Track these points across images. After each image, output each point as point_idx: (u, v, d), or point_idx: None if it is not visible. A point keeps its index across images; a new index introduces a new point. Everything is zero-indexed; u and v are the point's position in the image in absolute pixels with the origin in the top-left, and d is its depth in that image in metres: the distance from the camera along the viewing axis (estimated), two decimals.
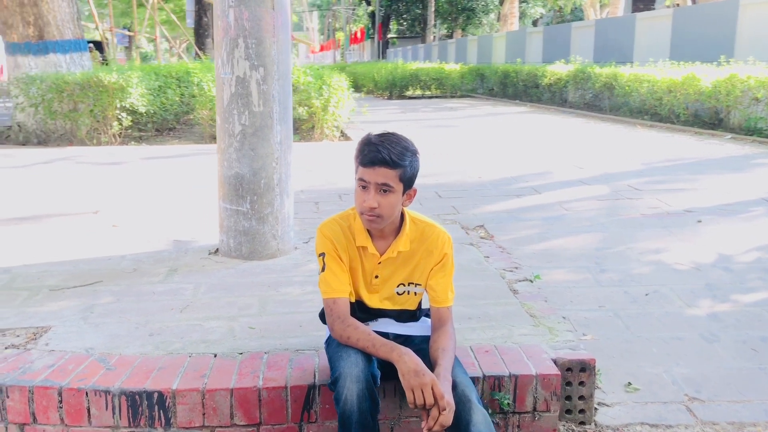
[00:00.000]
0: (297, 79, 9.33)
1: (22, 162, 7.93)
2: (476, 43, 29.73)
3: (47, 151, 8.95)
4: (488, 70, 21.70)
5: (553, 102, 16.93)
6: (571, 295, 3.56)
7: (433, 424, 2.01)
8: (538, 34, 23.56)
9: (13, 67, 9.69)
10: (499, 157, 8.12)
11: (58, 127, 9.43)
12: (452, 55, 31.89)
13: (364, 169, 2.18)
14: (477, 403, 2.11)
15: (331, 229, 2.33)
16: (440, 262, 2.38)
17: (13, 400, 2.47)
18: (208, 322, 3.00)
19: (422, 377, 2.02)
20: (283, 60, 3.78)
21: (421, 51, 38.27)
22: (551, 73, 16.83)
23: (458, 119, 13.33)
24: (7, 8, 9.39)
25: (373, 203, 2.18)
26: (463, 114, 14.67)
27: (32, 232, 4.59)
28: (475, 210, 5.20)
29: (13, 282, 3.55)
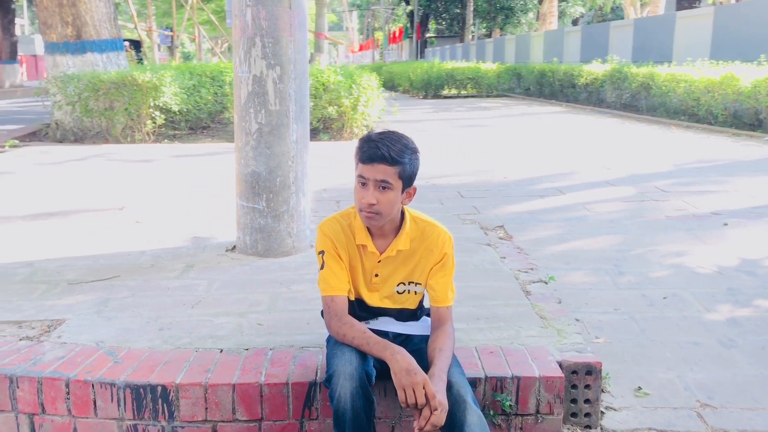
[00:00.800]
0: (327, 78, 9.39)
1: (57, 159, 8.12)
2: (514, 42, 29.51)
3: (82, 148, 9.15)
4: (525, 70, 21.52)
5: (590, 102, 16.71)
6: (586, 297, 3.51)
7: (425, 423, 2.00)
8: (576, 34, 23.29)
9: (51, 66, 9.92)
10: (527, 157, 8.05)
11: (94, 125, 9.63)
12: (490, 55, 31.70)
13: (364, 166, 2.19)
14: (472, 403, 2.10)
15: (331, 227, 2.34)
16: (440, 261, 2.37)
17: (23, 391, 2.53)
18: (217, 318, 3.04)
19: (414, 376, 2.02)
20: (300, 59, 3.80)
21: (459, 50, 38.14)
22: (587, 72, 16.62)
23: (491, 119, 13.25)
24: (46, 9, 9.63)
25: (372, 200, 2.19)
26: (496, 114, 14.57)
27: (58, 227, 4.70)
28: (497, 210, 5.16)
29: (34, 275, 3.63)
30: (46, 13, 9.67)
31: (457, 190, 5.90)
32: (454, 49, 39.99)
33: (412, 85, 23.15)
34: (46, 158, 8.18)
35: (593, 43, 21.17)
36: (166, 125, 9.77)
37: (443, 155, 8.23)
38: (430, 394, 2.01)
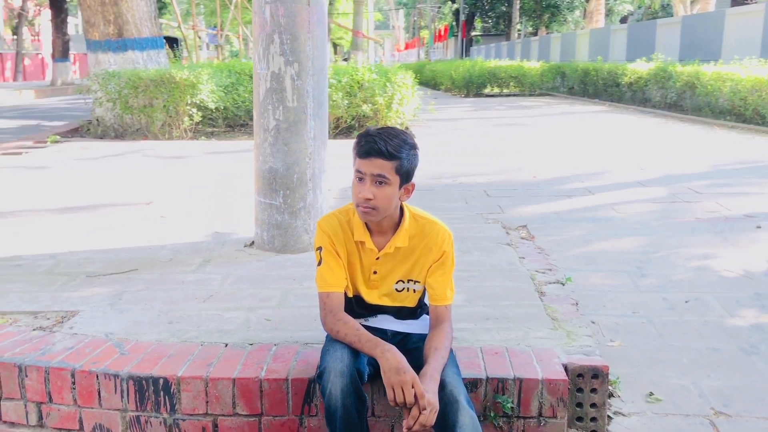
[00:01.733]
0: (362, 76, 9.39)
1: (95, 154, 8.31)
2: (559, 40, 29.13)
3: (121, 144, 9.34)
4: (569, 68, 21.21)
5: (634, 101, 16.38)
6: (605, 299, 3.44)
7: (413, 423, 1.98)
8: (623, 32, 22.86)
9: (94, 63, 10.16)
10: (560, 157, 7.92)
11: (134, 121, 9.83)
12: (535, 53, 31.36)
13: (361, 161, 2.18)
14: (465, 404, 2.07)
15: (329, 223, 2.33)
16: (439, 259, 2.34)
17: (31, 380, 2.58)
18: (227, 313, 3.06)
19: (402, 375, 2.00)
20: (319, 56, 3.80)
21: (504, 49, 37.82)
22: (632, 71, 16.29)
23: (530, 118, 13.09)
24: (89, 8, 9.86)
25: (369, 194, 2.17)
26: (536, 112, 14.39)
27: (85, 221, 4.79)
28: (521, 210, 5.09)
29: (56, 267, 3.71)
30: (89, 12, 9.90)
31: (483, 189, 5.84)
32: (499, 48, 39.67)
33: (454, 84, 23.06)
34: (84, 153, 8.38)
35: (639, 41, 20.76)
36: (204, 122, 9.91)
37: (475, 153, 8.17)
38: (419, 394, 1.99)
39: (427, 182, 6.14)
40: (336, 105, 9.28)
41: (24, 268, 3.69)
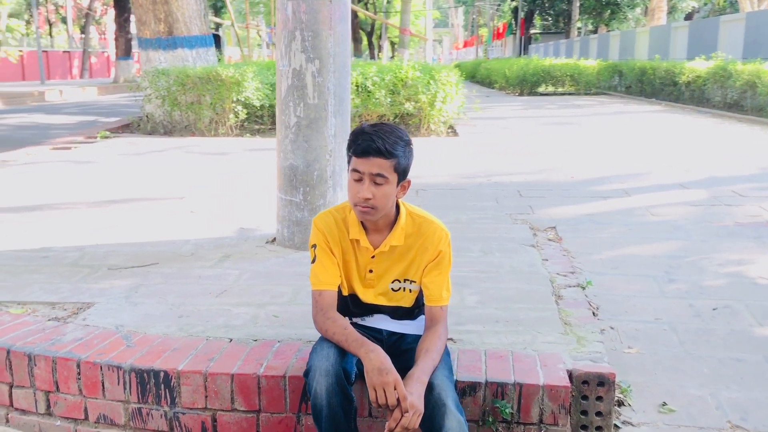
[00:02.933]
0: (405, 74, 9.36)
1: (140, 150, 8.50)
2: (618, 38, 28.48)
3: (167, 140, 9.53)
4: (626, 67, 20.72)
5: (692, 101, 15.87)
6: (627, 304, 3.33)
7: (395, 425, 1.94)
8: (684, 29, 22.19)
9: (145, 61, 10.40)
10: (603, 157, 7.73)
11: (183, 118, 10.02)
12: (594, 51, 30.74)
13: (358, 160, 2.14)
14: (453, 408, 2.02)
15: (325, 221, 2.31)
16: (435, 259, 2.29)
17: (40, 369, 2.64)
18: (237, 308, 3.07)
19: (385, 376, 1.96)
20: (340, 53, 3.78)
21: (563, 47, 37.20)
22: (690, 70, 15.79)
23: (581, 117, 12.83)
24: (141, 6, 10.09)
25: (368, 194, 2.13)
26: (588, 112, 14.10)
27: (117, 214, 4.90)
28: (553, 210, 4.97)
29: (81, 259, 3.80)
30: (141, 11, 10.14)
31: (517, 189, 5.73)
32: (557, 46, 39.05)
33: (508, 82, 22.80)
34: (130, 149, 8.58)
35: (701, 39, 20.11)
36: (250, 120, 10.03)
37: (515, 152, 8.04)
38: (401, 395, 1.95)
39: (459, 181, 6.07)
40: (379, 103, 9.28)
41: (51, 259, 3.79)
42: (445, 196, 5.46)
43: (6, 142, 10.19)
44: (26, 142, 9.64)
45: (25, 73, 39.04)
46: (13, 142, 9.89)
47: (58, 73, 42.18)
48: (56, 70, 42.12)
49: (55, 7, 52.62)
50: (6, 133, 12.05)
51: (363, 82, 9.30)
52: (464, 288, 3.30)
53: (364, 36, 42.30)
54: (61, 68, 43.16)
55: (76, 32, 49.97)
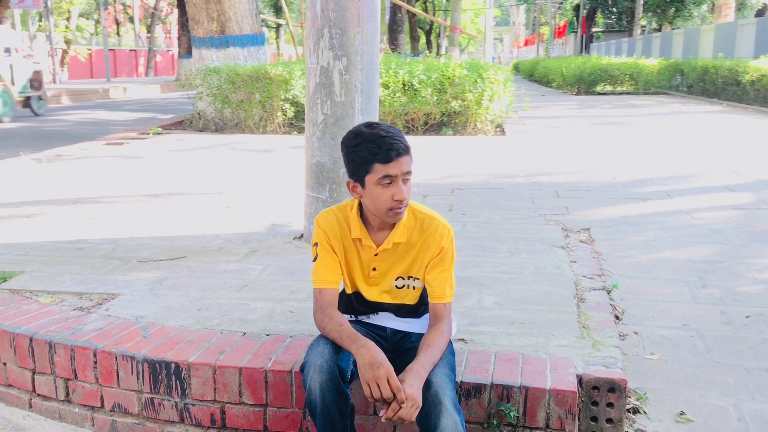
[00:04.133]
0: (453, 72, 9.30)
1: (188, 146, 8.68)
2: (682, 36, 27.63)
3: (215, 137, 9.72)
4: (687, 66, 20.10)
5: (757, 101, 15.28)
6: (655, 309, 3.24)
7: (393, 415, 1.93)
8: (751, 27, 21.36)
9: (198, 59, 10.62)
10: (649, 158, 7.50)
11: (233, 115, 10.20)
12: (656, 50, 29.91)
13: (389, 165, 2.10)
14: (450, 407, 1.99)
15: (327, 219, 2.32)
16: (438, 255, 2.27)
17: (59, 356, 2.72)
18: (254, 303, 3.10)
19: (377, 369, 1.95)
20: (368, 50, 3.78)
21: (625, 45, 36.31)
22: (754, 68, 15.20)
23: (635, 117, 12.50)
24: (195, 5, 10.31)
25: (405, 194, 2.14)
26: (644, 112, 13.73)
27: (155, 208, 5.02)
28: (589, 212, 4.86)
29: (113, 251, 3.90)
30: (194, 10, 10.35)
31: (555, 189, 5.62)
32: (619, 44, 38.15)
33: (565, 81, 22.44)
34: (179, 145, 8.77)
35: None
36: (298, 117, 10.14)
37: (561, 152, 7.89)
38: (395, 387, 1.94)
39: (498, 181, 6.00)
40: (425, 101, 9.24)
41: (85, 251, 3.90)
42: (480, 195, 5.40)
43: (66, 137, 10.57)
44: (84, 138, 9.98)
45: (93, 71, 40.45)
46: (72, 138, 10.25)
47: (124, 71, 43.52)
48: (123, 68, 43.47)
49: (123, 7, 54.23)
50: (67, 129, 12.51)
51: (409, 80, 9.28)
52: (484, 288, 3.26)
53: (423, 34, 42.22)
54: (127, 66, 44.50)
55: (143, 31, 51.42)
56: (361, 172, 2.14)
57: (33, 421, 2.78)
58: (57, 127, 13.01)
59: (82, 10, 48.15)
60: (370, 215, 2.25)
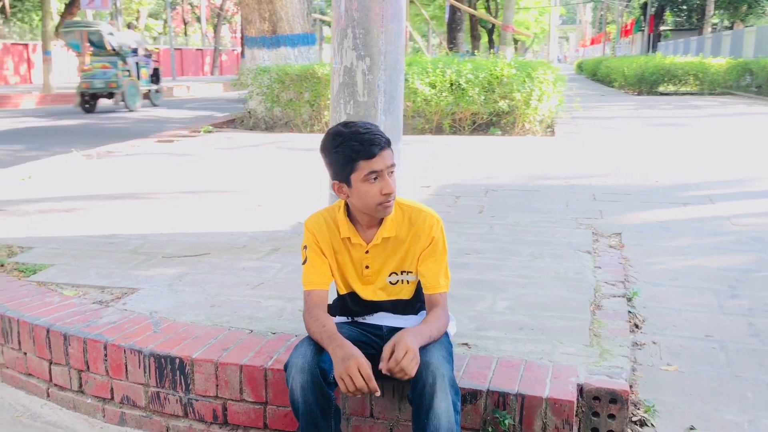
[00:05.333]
0: (501, 71, 9.19)
1: (235, 144, 8.83)
2: (753, 34, 26.57)
3: (264, 135, 9.86)
4: (756, 65, 19.34)
5: None
6: (677, 318, 3.13)
7: (394, 365, 1.97)
8: None
9: (250, 59, 10.80)
10: (697, 160, 7.24)
11: (282, 114, 10.33)
12: (726, 49, 28.88)
13: (373, 161, 2.11)
14: (447, 390, 1.99)
15: (315, 222, 2.33)
16: (428, 246, 2.26)
17: (73, 348, 2.80)
18: (267, 301, 3.13)
19: (347, 361, 1.96)
20: (392, 50, 3.76)
21: (693, 44, 35.20)
22: None
23: (694, 118, 12.10)
24: (248, 6, 10.48)
25: (393, 187, 2.15)
26: (704, 113, 13.27)
27: (191, 204, 5.12)
28: (623, 216, 4.72)
29: (141, 247, 4.00)
30: (247, 10, 10.53)
31: (593, 192, 5.48)
32: (687, 43, 36.99)
33: (627, 81, 21.88)
34: (226, 143, 8.93)
35: None
36: None
37: (607, 154, 7.69)
38: (366, 376, 1.95)
39: (535, 182, 5.90)
40: (472, 101, 9.16)
41: (114, 246, 4.01)
42: (514, 197, 5.31)
43: (122, 133, 10.90)
44: (140, 135, 10.27)
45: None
46: (130, 134, 10.57)
47: (191, 70, 44.61)
48: (189, 67, 44.56)
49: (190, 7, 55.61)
50: (127, 126, 12.90)
51: (456, 80, 9.22)
52: (498, 293, 3.21)
53: (485, 33, 41.82)
54: (193, 65, 45.59)
55: (210, 31, 52.61)
56: (345, 172, 2.14)
57: (49, 409, 2.88)
58: (118, 125, 13.42)
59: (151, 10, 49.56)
60: (358, 213, 2.25)
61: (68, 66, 32.64)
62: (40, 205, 5.14)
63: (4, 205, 5.11)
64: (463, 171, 6.55)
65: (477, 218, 4.63)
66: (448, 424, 1.98)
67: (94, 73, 16.17)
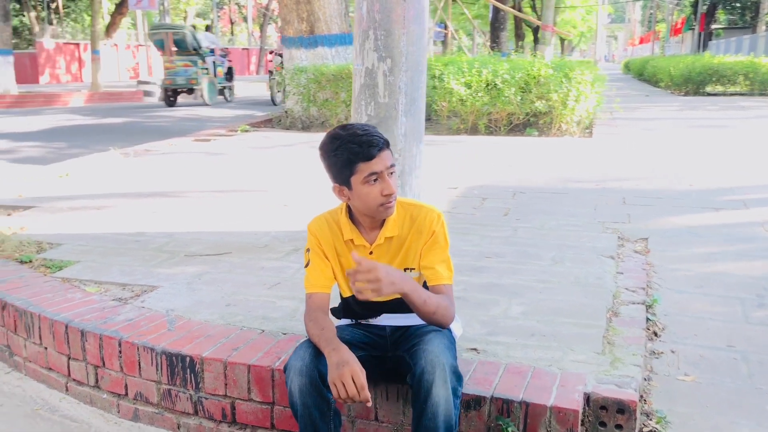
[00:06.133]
0: (538, 71, 9.09)
1: (269, 144, 8.91)
2: None
3: (299, 135, 9.92)
4: None
5: None
6: (699, 327, 3.05)
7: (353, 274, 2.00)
8: None
9: (288, 59, 10.87)
10: (736, 164, 7.03)
11: (319, 114, 10.39)
12: None
13: (372, 162, 2.12)
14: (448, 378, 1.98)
15: (318, 225, 2.34)
16: (429, 239, 2.26)
17: (90, 344, 2.87)
18: (281, 301, 3.15)
19: (341, 368, 1.95)
20: (413, 51, 3.75)
21: (746, 43, 34.23)
22: None
23: (740, 120, 11.75)
24: (286, 6, 10.56)
25: (394, 187, 2.16)
26: (751, 114, 12.89)
27: (219, 204, 5.18)
28: (652, 221, 4.62)
29: (166, 245, 4.06)
30: (285, 10, 10.61)
31: (623, 196, 5.37)
32: (740, 42, 36.00)
33: (673, 81, 21.38)
34: (262, 142, 9.01)
35: None
36: None
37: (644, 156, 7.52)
38: (360, 385, 1.94)
39: (565, 185, 5.81)
40: (508, 101, 9.07)
41: (140, 243, 4.09)
42: (542, 200, 5.24)
43: (163, 132, 11.09)
44: (179, 133, 10.44)
45: None
46: (170, 133, 10.75)
47: (237, 69, 45.08)
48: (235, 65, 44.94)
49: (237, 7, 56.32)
50: (168, 125, 13.12)
51: (493, 80, 9.14)
52: (514, 297, 3.17)
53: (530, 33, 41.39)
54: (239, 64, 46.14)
55: (256, 30, 53.20)
56: (345, 175, 2.15)
57: (68, 403, 2.94)
58: (160, 123, 13.67)
59: (198, 10, 50.36)
60: (360, 216, 2.25)
61: (117, 65, 33.43)
62: (74, 202, 5.27)
63: (39, 202, 5.25)
64: (493, 172, 6.49)
65: (501, 221, 4.58)
66: (446, 412, 1.97)
67: (176, 70, 17.83)
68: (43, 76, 29.47)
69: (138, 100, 20.60)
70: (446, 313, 2.18)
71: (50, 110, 17.37)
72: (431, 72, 9.72)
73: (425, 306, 2.11)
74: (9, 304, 3.18)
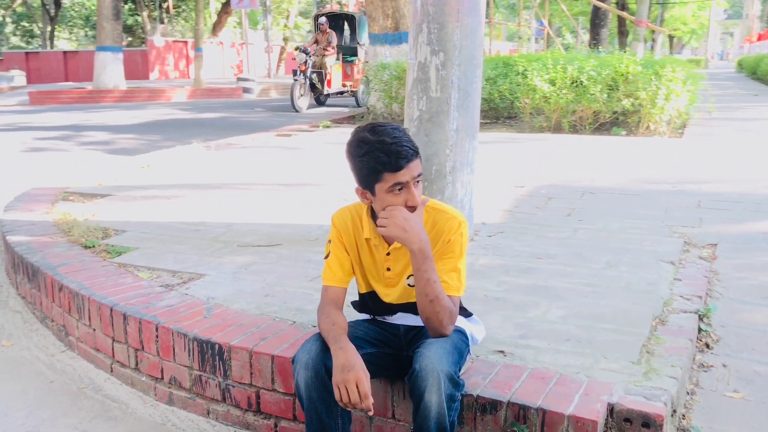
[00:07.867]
0: (626, 68, 8.73)
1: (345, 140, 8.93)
2: None
3: None
4: None
5: None
6: (758, 341, 2.85)
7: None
8: None
9: (372, 55, 10.94)
10: None
11: (401, 110, 10.38)
12: None
13: (399, 173, 2.03)
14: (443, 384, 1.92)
15: (341, 217, 2.31)
16: (444, 246, 2.18)
17: (131, 327, 2.97)
18: (318, 293, 3.13)
19: (347, 373, 1.92)
20: (467, 45, 3.68)
21: None
22: None
23: None
24: (371, 3, 10.63)
25: (419, 198, 2.11)
26: None
27: (284, 196, 5.26)
28: (725, 226, 4.33)
29: (222, 235, 4.16)
30: (371, 7, 10.68)
31: (699, 198, 5.07)
32: None
33: None
34: (339, 138, 9.06)
35: None
36: None
37: (732, 158, 7.08)
38: (363, 394, 1.90)
39: (638, 186, 5.54)
40: (594, 99, 8.77)
41: (199, 233, 4.20)
42: (610, 201, 5.02)
43: (252, 127, 11.41)
44: (265, 128, 10.69)
45: None
46: (260, 128, 11.04)
47: None
48: None
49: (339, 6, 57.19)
50: (259, 120, 13.47)
51: (578, 77, 8.85)
52: (557, 300, 3.05)
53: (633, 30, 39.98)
54: None
55: None
56: (370, 181, 2.08)
57: (111, 384, 3.06)
58: (252, 119, 14.04)
59: (300, 8, 51.40)
60: None
61: (222, 62, 34.65)
62: (147, 191, 5.48)
63: (116, 191, 5.50)
64: (566, 171, 6.29)
65: (563, 221, 4.43)
66: (438, 417, 1.93)
67: None
68: (153, 73, 30.87)
69: (237, 97, 21.25)
70: (445, 315, 2.09)
71: (154, 105, 18.19)
72: (515, 68, 9.53)
73: (427, 286, 2.04)
74: (65, 286, 3.34)
